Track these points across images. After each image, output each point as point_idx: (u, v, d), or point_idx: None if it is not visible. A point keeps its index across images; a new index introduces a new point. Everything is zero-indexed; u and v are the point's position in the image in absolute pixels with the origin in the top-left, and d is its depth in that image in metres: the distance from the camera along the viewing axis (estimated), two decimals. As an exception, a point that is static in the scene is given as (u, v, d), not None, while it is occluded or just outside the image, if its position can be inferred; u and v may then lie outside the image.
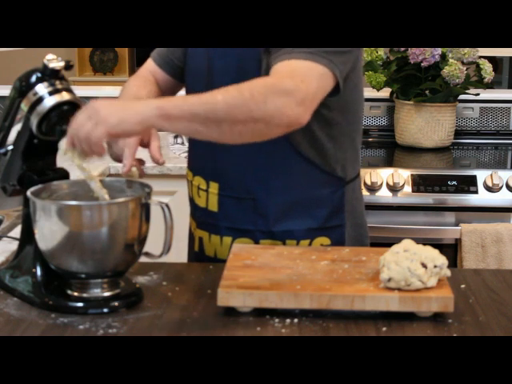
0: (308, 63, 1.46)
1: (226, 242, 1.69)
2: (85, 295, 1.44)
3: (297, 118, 1.41)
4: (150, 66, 1.80)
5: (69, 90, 1.45)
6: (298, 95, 1.40)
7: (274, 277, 1.45)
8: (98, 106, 1.35)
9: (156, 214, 1.44)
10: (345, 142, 1.67)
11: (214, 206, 1.70)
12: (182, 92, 1.78)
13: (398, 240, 1.48)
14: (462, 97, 3.07)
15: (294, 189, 1.66)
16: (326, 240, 1.69)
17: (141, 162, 1.52)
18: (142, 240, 1.44)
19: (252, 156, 1.63)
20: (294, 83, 1.41)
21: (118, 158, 1.56)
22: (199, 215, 1.74)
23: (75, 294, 1.44)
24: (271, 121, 1.39)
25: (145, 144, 1.52)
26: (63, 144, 1.43)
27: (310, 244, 1.68)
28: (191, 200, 1.77)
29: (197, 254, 1.76)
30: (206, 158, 1.68)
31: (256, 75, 1.53)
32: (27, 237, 1.48)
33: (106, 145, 1.38)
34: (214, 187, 1.69)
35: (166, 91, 1.78)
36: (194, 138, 1.65)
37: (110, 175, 2.78)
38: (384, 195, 2.67)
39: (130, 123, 1.34)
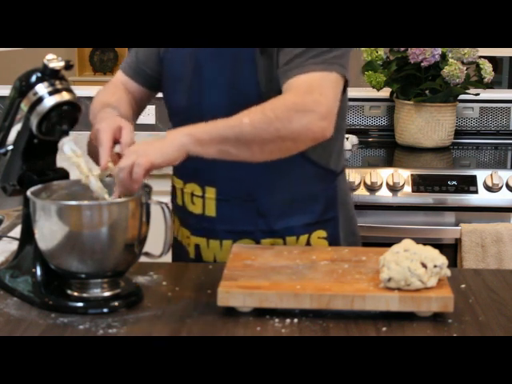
0: (322, 74, 1.49)
1: (225, 246, 1.69)
2: (85, 295, 1.44)
3: (322, 131, 1.47)
4: (120, 76, 1.78)
5: (69, 90, 1.45)
6: (320, 110, 1.45)
7: (274, 277, 1.45)
8: (135, 147, 1.42)
9: (156, 214, 1.44)
10: (337, 134, 1.68)
11: (211, 211, 1.69)
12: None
13: (398, 240, 1.48)
14: (461, 97, 3.07)
15: (293, 186, 1.67)
16: (322, 233, 1.71)
17: (119, 156, 1.51)
18: (142, 240, 1.44)
19: None
20: (313, 98, 1.45)
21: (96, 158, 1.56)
22: (193, 222, 1.72)
23: (75, 293, 1.44)
24: (298, 138, 1.46)
25: (118, 141, 1.53)
26: (64, 147, 1.44)
27: (308, 238, 1.69)
28: (182, 208, 1.75)
29: (193, 261, 1.74)
30: (199, 164, 1.67)
31: (252, 77, 1.53)
32: (27, 237, 1.48)
33: (111, 164, 1.45)
34: (210, 192, 1.68)
35: (140, 100, 1.77)
36: None
37: (109, 175, 2.78)
38: (384, 195, 2.67)
39: (168, 152, 1.41)
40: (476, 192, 2.66)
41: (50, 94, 1.43)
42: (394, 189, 2.67)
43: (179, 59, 1.67)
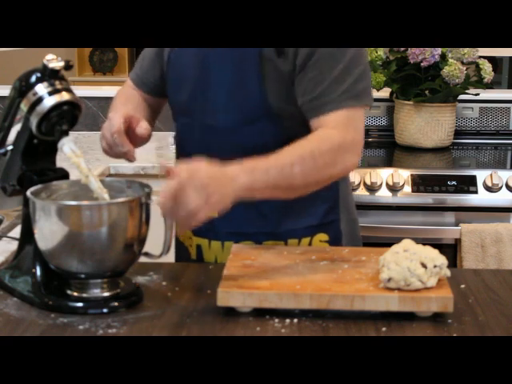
0: (356, 109, 1.56)
1: (227, 247, 1.68)
2: (84, 295, 1.44)
3: (354, 167, 1.57)
4: (130, 85, 1.82)
5: (68, 90, 1.45)
6: (357, 149, 1.56)
7: (274, 277, 1.45)
8: (206, 181, 1.34)
9: (156, 214, 1.44)
10: None
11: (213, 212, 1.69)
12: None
13: (397, 240, 1.48)
14: (461, 97, 3.07)
15: None
16: (324, 236, 1.71)
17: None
18: (142, 240, 1.44)
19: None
20: (352, 137, 1.54)
21: (116, 153, 1.59)
22: None
23: (75, 294, 1.44)
24: (337, 176, 1.58)
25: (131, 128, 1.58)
26: (64, 147, 1.44)
27: (310, 241, 1.69)
28: None
29: (195, 262, 1.74)
30: None
31: (257, 84, 1.56)
32: (27, 237, 1.48)
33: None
34: None
35: (150, 105, 1.80)
36: (183, 149, 1.70)
37: (109, 175, 2.78)
38: (384, 195, 2.67)
39: (227, 203, 1.38)
40: (476, 192, 2.66)
41: (50, 94, 1.43)
42: (393, 189, 2.67)
43: (185, 60, 1.67)
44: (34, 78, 1.44)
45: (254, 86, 1.59)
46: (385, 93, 3.13)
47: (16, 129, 1.48)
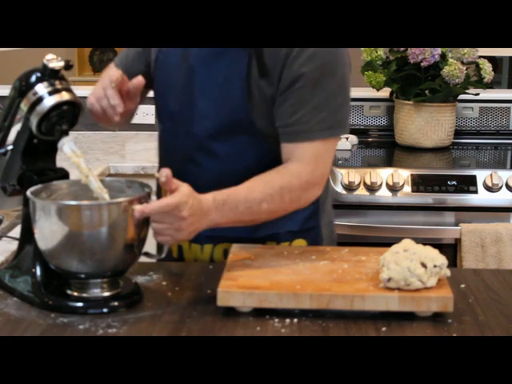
0: (327, 142, 1.59)
1: (206, 249, 1.70)
2: (84, 295, 1.44)
3: (316, 197, 1.63)
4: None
5: (68, 90, 1.46)
6: (322, 181, 1.61)
7: (274, 277, 1.45)
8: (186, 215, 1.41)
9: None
10: None
11: None
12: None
13: (397, 240, 1.48)
14: (461, 97, 3.07)
15: None
16: (303, 242, 1.72)
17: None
18: (142, 240, 1.44)
19: (239, 170, 1.64)
20: (320, 172, 1.59)
21: (102, 107, 1.59)
22: None
23: (75, 293, 1.44)
24: (298, 209, 1.62)
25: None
26: (64, 147, 1.43)
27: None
28: None
29: (176, 260, 1.74)
30: (181, 173, 1.68)
31: (242, 95, 1.57)
32: (27, 237, 1.48)
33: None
34: None
35: None
36: (167, 151, 1.74)
37: (109, 175, 2.78)
38: (384, 195, 2.67)
39: (196, 233, 1.46)
40: (476, 192, 2.66)
41: (50, 93, 1.43)
42: (393, 189, 2.67)
43: (172, 63, 1.67)
44: (34, 78, 1.44)
45: (239, 102, 1.60)
46: (385, 93, 3.13)
47: (16, 129, 1.48)
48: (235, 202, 1.49)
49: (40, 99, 1.42)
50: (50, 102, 1.42)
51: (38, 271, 1.46)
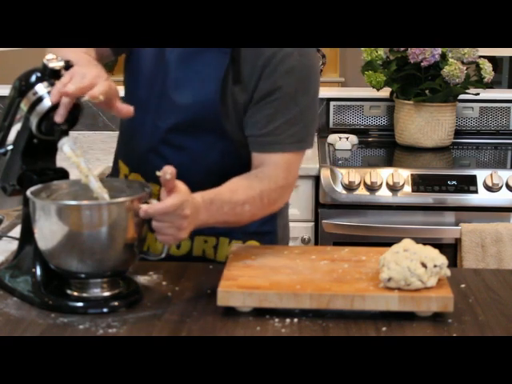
0: (297, 154, 1.64)
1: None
2: (84, 295, 1.44)
3: (287, 201, 1.72)
4: None
5: (69, 90, 1.45)
6: (291, 189, 1.68)
7: (274, 277, 1.45)
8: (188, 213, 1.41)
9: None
10: None
11: None
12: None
13: (398, 240, 1.48)
14: (461, 96, 3.07)
15: None
16: (255, 243, 1.74)
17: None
18: (142, 240, 1.44)
19: (202, 167, 1.66)
20: (292, 179, 1.65)
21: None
22: None
23: (75, 293, 1.44)
24: (273, 211, 1.68)
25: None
26: (64, 147, 1.43)
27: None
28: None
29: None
30: (143, 163, 1.68)
31: (216, 97, 1.57)
32: (27, 237, 1.48)
33: None
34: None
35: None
36: (132, 139, 1.71)
37: (109, 175, 2.77)
38: (384, 195, 2.67)
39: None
40: (476, 192, 2.66)
41: (50, 93, 1.43)
42: (393, 189, 2.67)
43: (149, 51, 1.66)
44: (33, 78, 1.44)
45: (211, 102, 1.60)
46: (385, 93, 3.13)
47: (16, 128, 1.48)
48: (220, 202, 1.50)
49: (40, 99, 1.42)
50: (49, 101, 1.42)
51: (38, 271, 1.46)
